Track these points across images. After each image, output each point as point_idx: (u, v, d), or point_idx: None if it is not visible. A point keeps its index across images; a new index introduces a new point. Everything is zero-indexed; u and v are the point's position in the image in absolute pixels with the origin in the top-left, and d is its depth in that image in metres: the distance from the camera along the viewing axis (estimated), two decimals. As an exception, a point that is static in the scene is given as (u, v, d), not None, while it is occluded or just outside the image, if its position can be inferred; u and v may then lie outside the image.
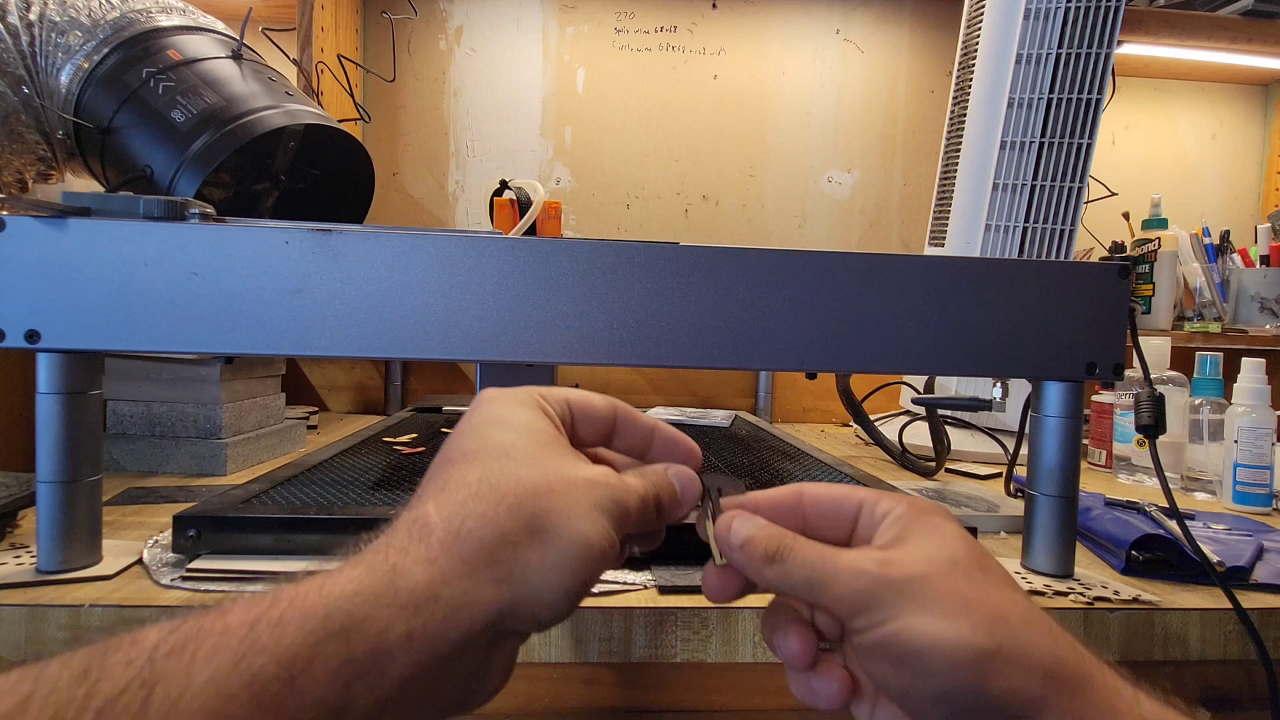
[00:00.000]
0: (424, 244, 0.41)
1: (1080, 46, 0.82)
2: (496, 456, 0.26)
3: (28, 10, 0.75)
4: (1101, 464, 0.87)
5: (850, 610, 0.26)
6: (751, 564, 0.29)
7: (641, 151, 1.29)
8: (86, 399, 0.42)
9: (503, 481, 0.25)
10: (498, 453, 0.26)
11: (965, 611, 0.25)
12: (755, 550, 0.28)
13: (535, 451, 0.26)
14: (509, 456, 0.26)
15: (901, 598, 0.25)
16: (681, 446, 0.32)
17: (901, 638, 0.25)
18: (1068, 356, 0.45)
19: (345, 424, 1.03)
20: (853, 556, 0.27)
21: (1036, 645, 0.24)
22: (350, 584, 0.21)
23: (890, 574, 0.26)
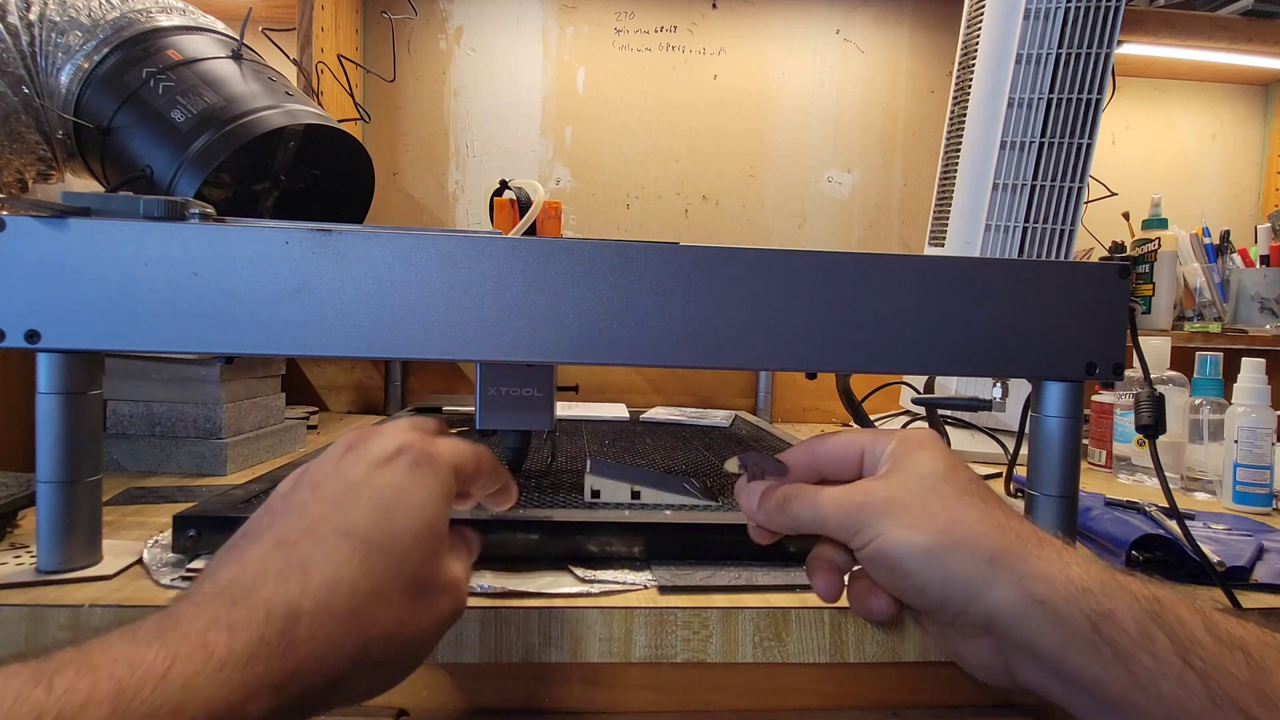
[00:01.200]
0: (424, 244, 0.41)
1: (1080, 46, 0.82)
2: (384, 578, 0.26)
3: (28, 10, 0.75)
4: (1101, 464, 0.87)
5: (847, 536, 0.33)
6: (770, 516, 0.36)
7: (641, 151, 1.29)
8: (86, 399, 0.42)
9: (370, 624, 0.25)
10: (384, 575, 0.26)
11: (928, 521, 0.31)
12: (770, 505, 0.36)
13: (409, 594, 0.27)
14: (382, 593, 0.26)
15: (880, 519, 0.32)
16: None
17: (883, 549, 0.32)
18: (1068, 356, 0.45)
19: (345, 424, 1.03)
20: (840, 492, 0.34)
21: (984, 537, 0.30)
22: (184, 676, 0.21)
23: (869, 502, 0.33)
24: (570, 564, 0.47)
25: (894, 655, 0.43)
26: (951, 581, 0.30)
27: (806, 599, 0.44)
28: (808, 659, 0.42)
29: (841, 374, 0.74)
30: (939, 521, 0.31)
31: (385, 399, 1.15)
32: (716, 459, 0.73)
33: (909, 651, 0.43)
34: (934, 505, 0.32)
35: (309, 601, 0.24)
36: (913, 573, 0.31)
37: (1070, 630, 0.27)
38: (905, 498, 0.32)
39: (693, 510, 0.52)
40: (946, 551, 0.30)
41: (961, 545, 0.30)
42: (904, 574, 0.32)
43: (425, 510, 0.28)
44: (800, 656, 0.42)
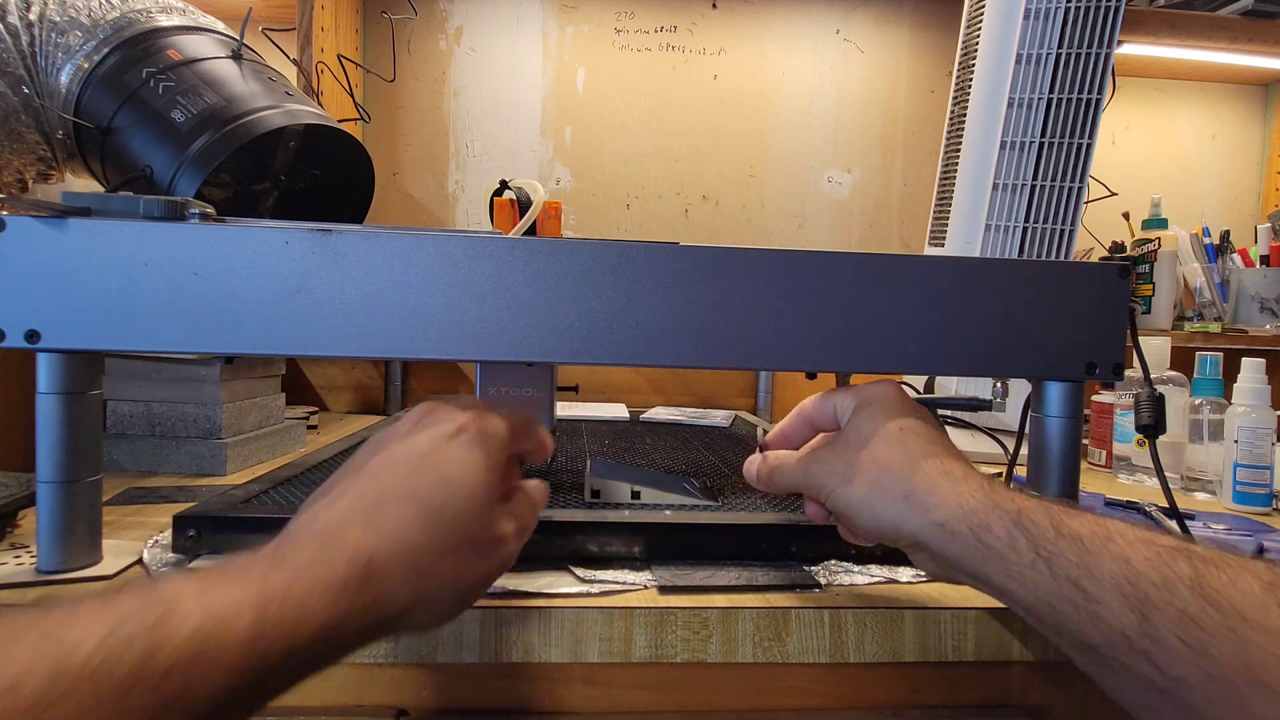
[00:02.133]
0: (424, 244, 0.41)
1: (1080, 46, 0.82)
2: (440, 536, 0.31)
3: (28, 10, 0.75)
4: (1101, 464, 0.87)
5: (813, 494, 0.42)
6: (765, 484, 0.44)
7: (641, 151, 1.29)
8: (86, 399, 0.42)
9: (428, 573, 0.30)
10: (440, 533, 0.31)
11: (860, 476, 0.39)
12: (764, 476, 0.44)
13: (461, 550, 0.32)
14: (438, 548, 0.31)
15: (828, 479, 0.41)
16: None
17: (834, 504, 0.41)
18: (1068, 356, 0.45)
19: (345, 424, 1.03)
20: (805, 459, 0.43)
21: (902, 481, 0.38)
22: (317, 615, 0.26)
23: (820, 468, 0.41)
24: (570, 564, 0.47)
25: (894, 655, 0.43)
26: (881, 520, 0.39)
27: (807, 599, 0.44)
28: (808, 659, 0.42)
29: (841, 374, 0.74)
30: (868, 475, 0.39)
31: (385, 399, 1.15)
32: (717, 459, 0.73)
33: (909, 651, 0.43)
34: (865, 461, 0.40)
35: (382, 550, 0.29)
36: (854, 516, 0.40)
37: (962, 542, 0.35)
38: (846, 458, 0.40)
39: (693, 510, 0.52)
40: (873, 498, 0.39)
41: (884, 491, 0.38)
42: (849, 518, 0.41)
43: (477, 483, 0.33)
44: (800, 656, 0.42)
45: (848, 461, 0.40)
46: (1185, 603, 0.27)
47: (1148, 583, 0.28)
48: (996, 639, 0.44)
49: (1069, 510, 0.33)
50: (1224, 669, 0.25)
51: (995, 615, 0.44)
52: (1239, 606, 0.26)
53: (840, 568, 0.48)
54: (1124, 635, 0.28)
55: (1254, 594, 0.26)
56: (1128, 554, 0.29)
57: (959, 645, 0.44)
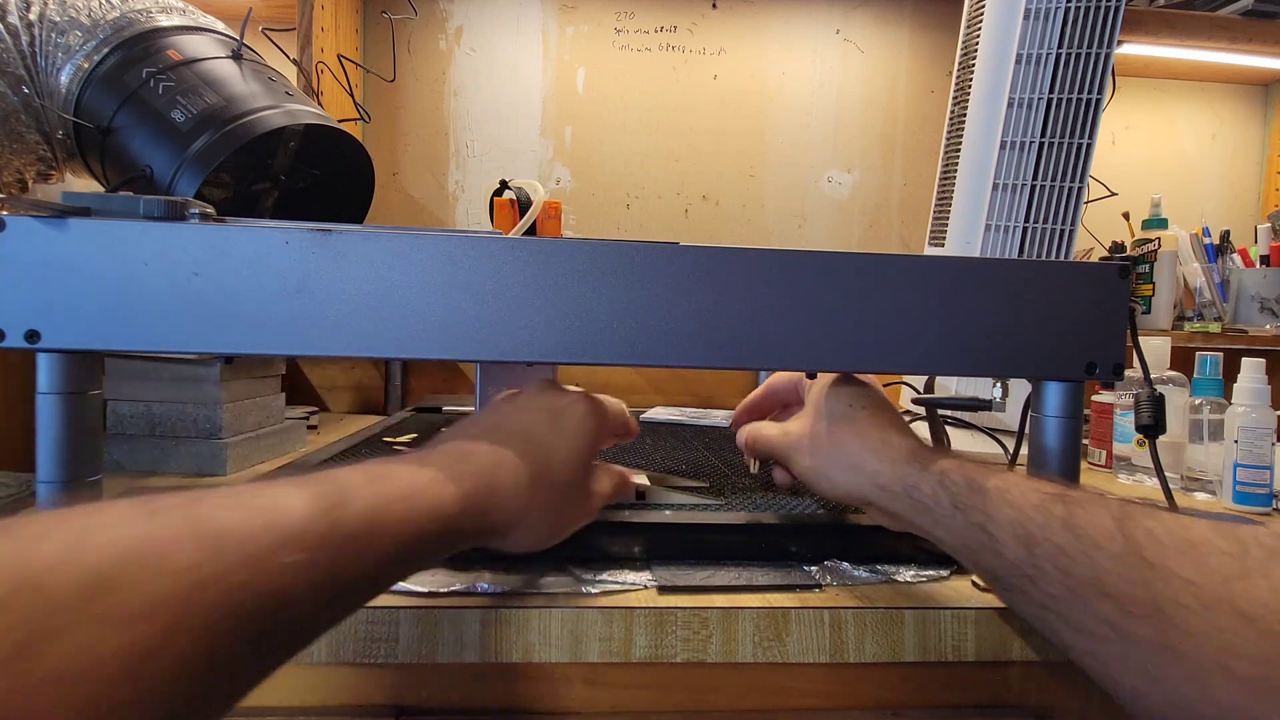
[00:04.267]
0: (424, 244, 0.41)
1: (1080, 46, 0.82)
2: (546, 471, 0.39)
3: (28, 10, 0.75)
4: (1101, 464, 0.87)
5: (782, 462, 0.51)
6: (749, 449, 0.54)
7: (641, 151, 1.29)
8: (86, 399, 0.42)
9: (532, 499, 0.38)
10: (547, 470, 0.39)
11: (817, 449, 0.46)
12: (748, 442, 0.54)
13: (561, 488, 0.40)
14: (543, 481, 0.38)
15: (793, 452, 0.48)
16: None
17: (798, 473, 0.49)
18: (1068, 356, 0.45)
19: (345, 424, 1.03)
20: (776, 431, 0.51)
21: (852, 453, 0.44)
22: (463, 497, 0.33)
23: (787, 440, 0.49)
24: (570, 564, 0.47)
25: (894, 655, 0.43)
26: (836, 485, 0.45)
27: (806, 599, 0.44)
28: (808, 659, 0.43)
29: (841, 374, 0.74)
30: (824, 449, 0.46)
31: (385, 399, 1.15)
32: (717, 459, 0.73)
33: (909, 651, 0.43)
34: (822, 436, 0.47)
35: (502, 470, 0.36)
36: (815, 482, 0.47)
37: (899, 500, 0.42)
38: (806, 433, 0.48)
39: (693, 510, 0.52)
40: (828, 468, 0.46)
41: (837, 461, 0.45)
42: (811, 484, 0.48)
43: (584, 440, 0.41)
44: (800, 656, 0.42)
45: (808, 435, 0.48)
46: (1058, 537, 0.33)
47: (1033, 524, 0.34)
48: (996, 639, 0.44)
49: (980, 468, 0.39)
50: (1081, 585, 0.31)
51: (996, 615, 0.44)
52: (1095, 537, 0.31)
53: (840, 568, 0.48)
54: (1016, 565, 0.34)
55: (1106, 526, 0.31)
56: (1020, 502, 0.35)
57: (959, 645, 0.44)
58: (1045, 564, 0.33)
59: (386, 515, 0.29)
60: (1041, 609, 0.33)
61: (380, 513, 0.29)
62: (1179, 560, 0.28)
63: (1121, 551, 0.30)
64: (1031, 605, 0.34)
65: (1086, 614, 0.31)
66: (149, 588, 0.21)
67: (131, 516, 0.22)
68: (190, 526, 0.23)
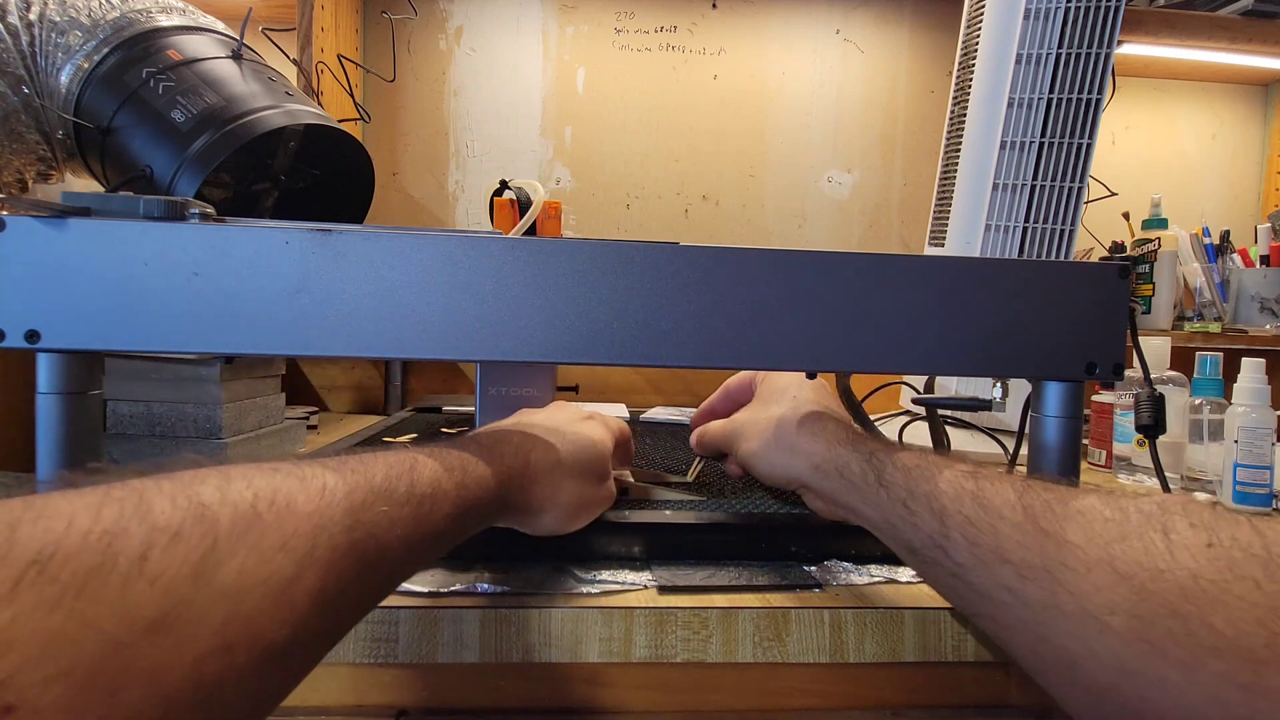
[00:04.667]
0: (424, 244, 0.41)
1: (1080, 46, 0.82)
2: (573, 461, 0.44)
3: (28, 10, 0.75)
4: (1101, 464, 0.87)
5: (729, 451, 0.56)
6: (700, 447, 0.60)
7: (641, 151, 1.29)
8: (86, 399, 0.42)
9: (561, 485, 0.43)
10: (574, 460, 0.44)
11: (759, 436, 0.51)
12: (699, 439, 0.60)
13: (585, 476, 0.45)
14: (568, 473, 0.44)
15: (738, 439, 0.54)
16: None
17: (741, 457, 0.54)
18: (1068, 356, 0.45)
19: (345, 424, 1.03)
20: (724, 423, 0.57)
21: (789, 437, 0.49)
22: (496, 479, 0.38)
23: (733, 430, 0.55)
24: (570, 564, 0.47)
25: (894, 655, 0.43)
26: (775, 467, 0.49)
27: (806, 599, 0.44)
28: (808, 659, 0.43)
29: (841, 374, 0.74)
30: (766, 435, 0.50)
31: (385, 399, 1.15)
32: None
33: (909, 651, 0.43)
34: (763, 423, 0.51)
35: (534, 459, 0.41)
36: (755, 465, 0.51)
37: (831, 480, 0.45)
38: (751, 422, 0.53)
39: (693, 510, 0.52)
40: (768, 453, 0.50)
41: (776, 445, 0.49)
42: (752, 467, 0.52)
43: (599, 447, 0.46)
44: (800, 656, 0.42)
45: (751, 424, 0.53)
46: (967, 509, 0.35)
47: (946, 498, 0.36)
48: (997, 648, 0.44)
49: (905, 449, 0.42)
50: (985, 553, 0.33)
51: (995, 615, 0.44)
52: (999, 508, 0.34)
53: (840, 568, 0.48)
54: (931, 537, 0.36)
55: (1009, 498, 0.34)
56: (936, 478, 0.38)
57: (959, 645, 0.44)
58: (955, 534, 0.35)
59: (445, 483, 0.33)
60: (952, 578, 0.35)
61: (440, 480, 0.33)
62: (1068, 526, 0.30)
63: (1020, 520, 0.32)
64: (944, 575, 0.36)
65: (989, 580, 0.33)
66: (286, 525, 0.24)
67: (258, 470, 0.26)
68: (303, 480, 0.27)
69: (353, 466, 0.29)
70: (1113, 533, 0.29)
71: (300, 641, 0.24)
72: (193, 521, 0.22)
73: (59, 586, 0.18)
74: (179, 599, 0.20)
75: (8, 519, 0.18)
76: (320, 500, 0.26)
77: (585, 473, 0.44)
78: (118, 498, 0.21)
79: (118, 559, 0.19)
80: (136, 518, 0.20)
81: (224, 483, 0.24)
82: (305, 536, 0.25)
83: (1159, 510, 0.29)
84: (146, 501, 0.21)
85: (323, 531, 0.25)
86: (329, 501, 0.26)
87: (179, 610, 0.20)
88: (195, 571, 0.21)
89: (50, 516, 0.19)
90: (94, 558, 0.19)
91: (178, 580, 0.20)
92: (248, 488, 0.24)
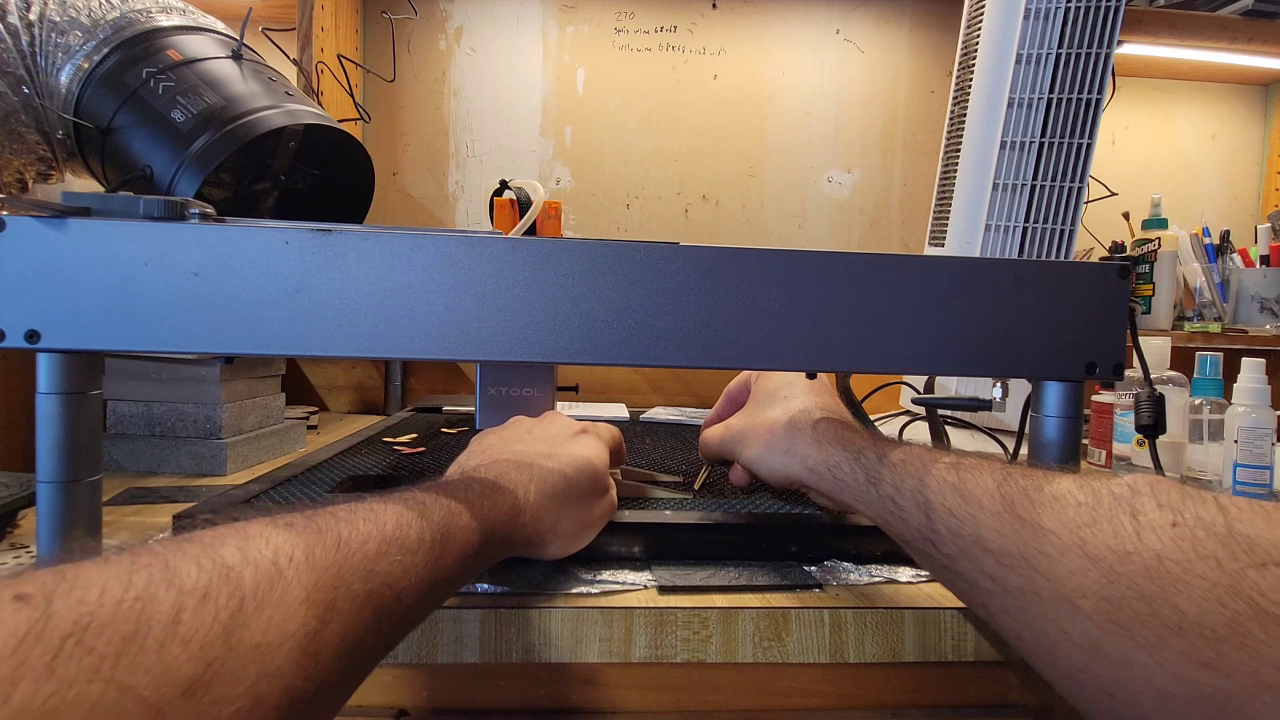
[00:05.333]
0: (424, 244, 0.41)
1: (1080, 46, 0.82)
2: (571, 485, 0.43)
3: (28, 10, 0.75)
4: (1101, 464, 0.87)
5: (732, 456, 0.57)
6: (705, 451, 0.61)
7: (641, 151, 1.29)
8: (86, 399, 0.42)
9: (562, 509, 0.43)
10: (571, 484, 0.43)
11: (756, 440, 0.53)
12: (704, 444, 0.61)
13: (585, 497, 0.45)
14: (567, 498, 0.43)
15: (737, 444, 0.55)
16: None
17: (743, 462, 0.55)
18: (1068, 356, 0.45)
19: (345, 424, 1.03)
20: (723, 429, 0.58)
21: (785, 440, 0.50)
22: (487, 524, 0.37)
23: (730, 435, 0.56)
24: (570, 564, 0.47)
25: (894, 655, 0.43)
26: (775, 471, 0.51)
27: (806, 599, 0.44)
28: (808, 659, 0.43)
29: (841, 374, 0.74)
30: (762, 438, 0.52)
31: (385, 399, 1.15)
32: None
33: (909, 651, 0.43)
34: (760, 428, 0.53)
35: (534, 488, 0.41)
36: (757, 469, 0.53)
37: (826, 480, 0.46)
38: (749, 427, 0.55)
39: (693, 510, 0.52)
40: (767, 456, 0.52)
41: (774, 450, 0.51)
42: (754, 472, 0.54)
43: (594, 464, 0.45)
44: (800, 656, 0.42)
45: (748, 429, 0.54)
46: (950, 502, 0.36)
47: (930, 491, 0.37)
48: (996, 639, 0.44)
49: (894, 445, 0.43)
50: (967, 544, 0.34)
51: (995, 615, 0.44)
52: (979, 498, 0.34)
53: (840, 568, 0.48)
54: (919, 530, 0.37)
55: (988, 488, 0.34)
56: (920, 473, 0.39)
57: (959, 645, 0.44)
58: (940, 527, 0.36)
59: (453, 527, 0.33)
60: (943, 569, 0.36)
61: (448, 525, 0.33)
62: (1043, 513, 0.31)
63: (999, 510, 0.33)
64: (936, 566, 0.37)
65: (974, 569, 0.34)
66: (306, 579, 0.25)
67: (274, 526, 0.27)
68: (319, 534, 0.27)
69: (364, 515, 0.30)
70: (1084, 517, 0.30)
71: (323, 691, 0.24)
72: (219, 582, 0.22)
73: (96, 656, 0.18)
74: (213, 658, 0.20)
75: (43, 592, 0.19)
76: (337, 553, 0.27)
77: (585, 496, 0.44)
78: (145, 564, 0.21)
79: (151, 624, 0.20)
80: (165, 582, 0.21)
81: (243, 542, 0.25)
82: (326, 589, 0.25)
83: (1129, 492, 0.30)
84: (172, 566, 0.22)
85: (342, 583, 0.26)
86: (345, 554, 0.27)
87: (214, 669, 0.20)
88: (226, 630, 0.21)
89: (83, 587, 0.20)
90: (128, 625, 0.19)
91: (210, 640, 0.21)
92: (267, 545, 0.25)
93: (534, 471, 0.42)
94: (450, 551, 0.32)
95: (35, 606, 0.18)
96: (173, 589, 0.21)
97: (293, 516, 0.28)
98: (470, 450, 0.47)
